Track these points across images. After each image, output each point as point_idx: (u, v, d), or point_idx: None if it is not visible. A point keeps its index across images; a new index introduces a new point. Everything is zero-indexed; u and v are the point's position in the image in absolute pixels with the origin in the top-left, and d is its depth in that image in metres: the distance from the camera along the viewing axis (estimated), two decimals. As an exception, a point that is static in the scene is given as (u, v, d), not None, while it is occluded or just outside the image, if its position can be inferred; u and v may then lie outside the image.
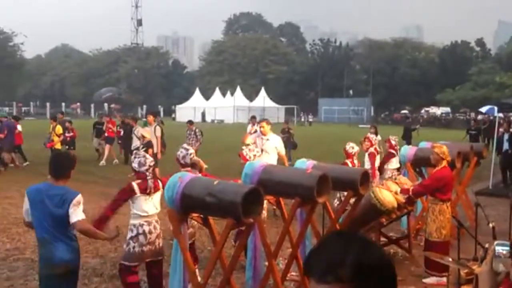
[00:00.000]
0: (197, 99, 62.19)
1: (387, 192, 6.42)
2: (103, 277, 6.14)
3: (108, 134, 17.93)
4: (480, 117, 31.33)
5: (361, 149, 8.73)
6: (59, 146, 15.18)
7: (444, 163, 6.27)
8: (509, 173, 13.75)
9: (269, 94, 63.67)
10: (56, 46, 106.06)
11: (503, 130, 14.13)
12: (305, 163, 5.84)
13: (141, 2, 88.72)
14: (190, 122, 16.30)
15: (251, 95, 63.46)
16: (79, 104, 72.80)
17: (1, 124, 15.91)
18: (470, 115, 52.27)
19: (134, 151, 7.95)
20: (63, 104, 65.05)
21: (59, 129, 15.44)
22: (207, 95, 63.58)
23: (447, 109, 61.58)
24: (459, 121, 49.62)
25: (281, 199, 5.33)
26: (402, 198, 6.53)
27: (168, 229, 5.57)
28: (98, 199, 9.57)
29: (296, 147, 18.08)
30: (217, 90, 62.83)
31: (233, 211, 3.92)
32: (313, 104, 69.30)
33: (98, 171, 15.56)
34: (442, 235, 6.20)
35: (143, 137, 12.15)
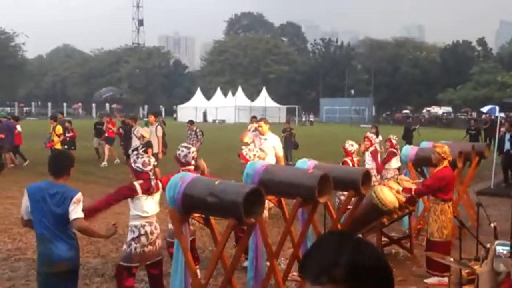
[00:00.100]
0: (198, 99, 62.21)
1: (389, 191, 6.41)
2: (104, 277, 6.13)
3: (108, 135, 17.91)
4: (482, 117, 31.28)
5: (359, 149, 8.71)
6: (59, 146, 15.12)
7: (445, 163, 6.26)
8: (510, 173, 13.73)
9: (271, 94, 63.69)
10: (57, 46, 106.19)
11: (505, 129, 14.08)
12: (306, 163, 5.84)
13: (143, 2, 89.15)
14: (190, 122, 16.29)
15: (252, 95, 63.45)
16: (80, 104, 72.88)
17: (1, 125, 15.93)
18: (472, 114, 52.24)
19: (133, 151, 7.92)
20: (65, 104, 65.09)
21: (59, 129, 15.42)
22: (208, 95, 63.58)
23: (449, 109, 61.54)
24: (461, 120, 49.54)
25: (282, 199, 5.32)
26: (403, 198, 6.52)
27: (163, 230, 5.55)
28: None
29: (297, 147, 18.09)
30: (219, 90, 62.86)
31: (234, 211, 3.91)
32: (315, 104, 69.32)
33: (98, 171, 15.55)
34: (443, 235, 6.19)
35: (143, 137, 12.14)
